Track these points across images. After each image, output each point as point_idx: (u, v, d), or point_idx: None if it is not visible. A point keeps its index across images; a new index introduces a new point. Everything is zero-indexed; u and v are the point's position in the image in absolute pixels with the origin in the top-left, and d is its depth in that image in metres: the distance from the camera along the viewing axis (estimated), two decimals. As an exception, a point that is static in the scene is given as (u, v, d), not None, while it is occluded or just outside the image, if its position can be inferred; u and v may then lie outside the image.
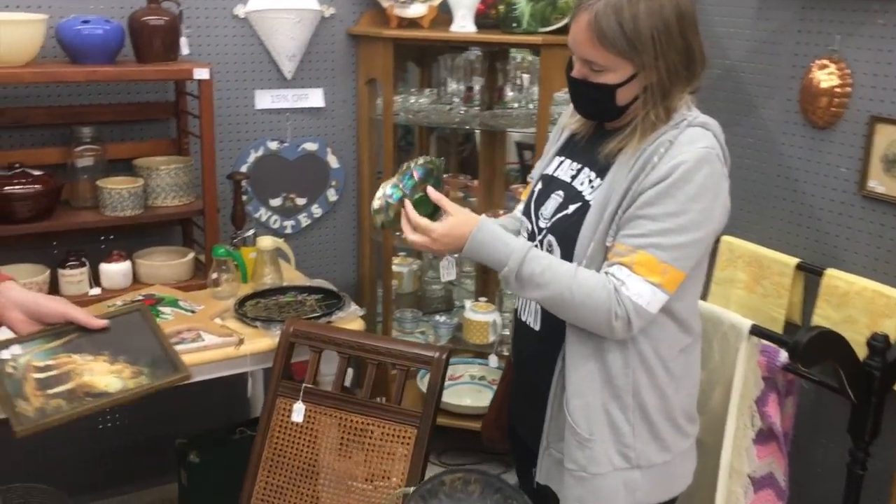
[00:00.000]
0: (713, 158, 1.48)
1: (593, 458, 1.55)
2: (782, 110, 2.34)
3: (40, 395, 1.41)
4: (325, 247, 3.19)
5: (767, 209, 2.41)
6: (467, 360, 3.48)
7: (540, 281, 1.49)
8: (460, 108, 3.14)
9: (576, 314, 1.50)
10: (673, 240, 1.46)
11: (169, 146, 2.72)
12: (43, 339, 1.50)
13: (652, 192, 1.46)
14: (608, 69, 1.48)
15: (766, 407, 2.02)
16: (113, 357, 1.53)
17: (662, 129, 1.49)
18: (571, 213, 1.57)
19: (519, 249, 1.51)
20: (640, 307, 1.47)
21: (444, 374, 2.05)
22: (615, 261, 1.49)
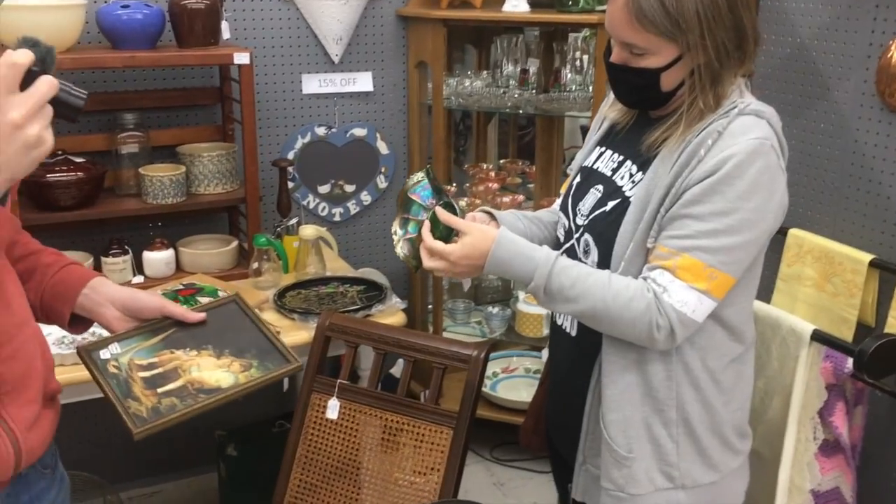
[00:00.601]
0: (767, 150, 1.32)
1: (632, 477, 1.42)
2: (857, 93, 2.15)
3: (150, 394, 1.34)
4: (375, 235, 3.12)
5: (840, 200, 2.22)
6: (522, 353, 3.38)
7: (570, 294, 1.36)
8: (514, 91, 3.02)
9: (613, 327, 1.37)
10: (721, 241, 1.32)
11: (214, 132, 2.68)
12: (141, 336, 1.42)
13: (698, 189, 1.31)
14: (650, 52, 1.34)
15: (832, 417, 1.86)
16: (217, 351, 1.44)
17: (710, 118, 1.35)
18: (609, 210, 1.44)
19: (544, 262, 1.38)
20: (685, 316, 1.33)
21: (482, 373, 1.95)
22: (656, 264, 1.35)
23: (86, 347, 1.38)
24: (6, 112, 0.93)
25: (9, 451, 1.14)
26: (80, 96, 1.02)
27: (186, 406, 1.34)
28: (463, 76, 3.13)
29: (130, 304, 1.40)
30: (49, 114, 0.97)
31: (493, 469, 3.09)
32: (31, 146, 0.95)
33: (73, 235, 2.52)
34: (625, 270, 1.39)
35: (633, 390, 1.41)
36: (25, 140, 0.94)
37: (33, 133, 0.95)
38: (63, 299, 1.35)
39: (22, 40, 0.98)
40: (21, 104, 0.94)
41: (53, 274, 1.35)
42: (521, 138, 4.05)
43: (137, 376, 1.37)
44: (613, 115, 1.54)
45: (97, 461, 2.73)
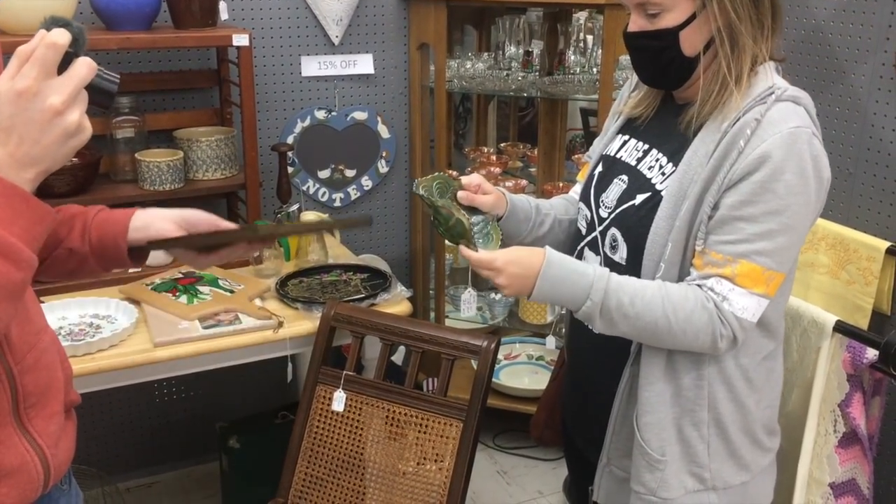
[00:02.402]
0: (809, 138, 1.27)
1: (665, 481, 1.38)
2: (875, 76, 2.09)
3: None
4: (376, 220, 3.06)
5: (855, 186, 2.18)
6: (524, 339, 3.34)
7: (629, 312, 1.29)
8: (518, 73, 2.95)
9: (674, 341, 1.31)
10: (777, 242, 1.26)
11: (211, 116, 2.61)
12: None
13: (746, 188, 1.25)
14: (665, 8, 1.29)
15: (849, 408, 1.82)
16: None
17: (746, 105, 1.29)
18: (639, 204, 1.37)
19: (599, 278, 1.30)
20: (745, 321, 1.29)
21: (492, 364, 1.91)
22: (712, 273, 1.29)
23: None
24: (46, 97, 0.86)
25: (38, 469, 1.07)
26: (114, 80, 0.95)
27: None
28: (464, 58, 3.06)
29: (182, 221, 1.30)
30: (86, 99, 0.90)
31: (497, 457, 3.06)
32: (70, 134, 0.88)
33: (68, 223, 2.45)
34: (666, 273, 1.33)
35: (666, 392, 1.36)
36: (66, 128, 0.87)
37: (73, 120, 0.88)
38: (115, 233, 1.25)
39: (51, 20, 0.90)
40: (61, 89, 0.87)
41: (94, 216, 1.26)
42: (521, 119, 3.99)
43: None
44: (630, 110, 1.48)
45: (93, 452, 2.68)
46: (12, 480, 1.04)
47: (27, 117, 0.86)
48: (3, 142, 0.86)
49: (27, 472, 1.06)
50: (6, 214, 0.86)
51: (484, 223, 1.45)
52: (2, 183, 0.86)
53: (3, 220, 0.86)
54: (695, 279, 1.31)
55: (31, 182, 0.88)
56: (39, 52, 0.86)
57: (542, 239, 1.57)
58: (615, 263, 1.42)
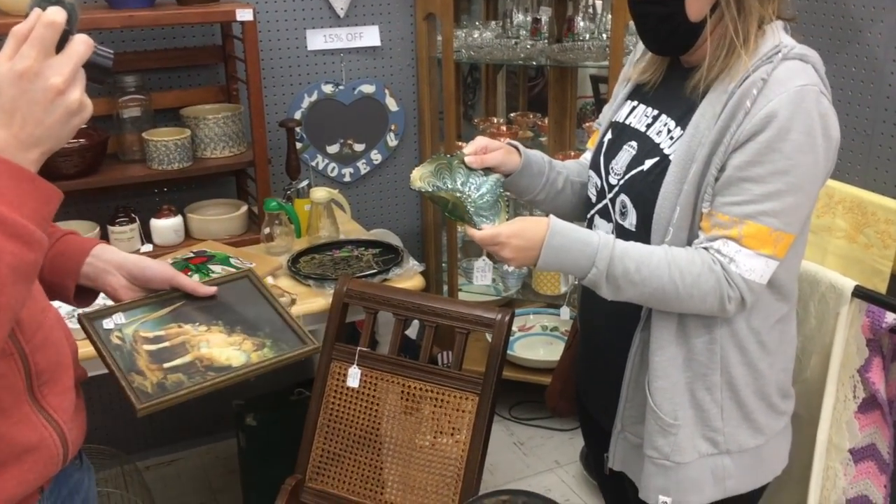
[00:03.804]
0: (817, 96, 1.24)
1: (678, 445, 1.37)
2: (891, 34, 2.05)
3: (156, 368, 1.26)
4: (387, 194, 3.05)
5: (873, 148, 2.14)
6: (538, 311, 3.32)
7: (636, 278, 1.28)
8: (527, 42, 2.91)
9: (682, 305, 1.30)
10: (784, 202, 1.24)
11: (218, 93, 2.59)
12: (147, 307, 1.33)
13: (752, 148, 1.23)
14: None
15: (868, 373, 1.80)
16: (228, 327, 1.35)
17: (754, 64, 1.26)
18: (648, 169, 1.36)
19: (604, 246, 1.29)
20: (753, 283, 1.27)
21: (507, 337, 1.89)
22: (719, 234, 1.27)
23: (88, 315, 1.30)
24: (48, 78, 0.86)
25: (56, 444, 1.08)
26: (109, 56, 0.94)
27: (194, 384, 1.25)
28: (471, 27, 3.02)
29: (138, 272, 1.31)
30: (84, 77, 0.89)
31: (513, 428, 3.06)
32: (73, 113, 0.88)
33: (78, 205, 2.45)
34: (674, 237, 1.31)
35: (678, 356, 1.35)
36: (68, 107, 0.87)
37: (75, 98, 0.88)
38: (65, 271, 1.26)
39: None
40: (61, 68, 0.86)
41: (52, 246, 1.26)
42: (531, 90, 3.95)
43: (143, 349, 1.28)
44: (638, 76, 1.46)
45: (111, 432, 2.70)
46: (33, 457, 1.05)
47: (30, 98, 0.86)
48: (7, 123, 0.86)
49: (46, 448, 1.07)
50: (15, 196, 0.86)
51: (492, 190, 1.42)
52: (8, 165, 0.86)
53: (12, 202, 0.85)
54: (701, 242, 1.30)
55: (35, 163, 0.88)
56: (38, 31, 0.86)
57: (557, 196, 1.56)
58: (625, 230, 1.40)
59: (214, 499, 2.73)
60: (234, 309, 1.40)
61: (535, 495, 1.29)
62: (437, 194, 1.41)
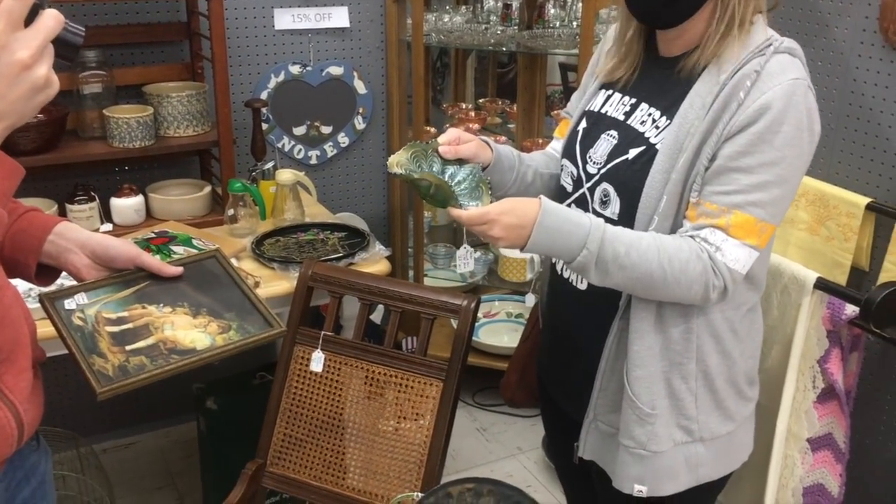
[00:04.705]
0: (805, 90, 1.26)
1: (655, 434, 1.38)
2: (858, 29, 2.07)
3: (118, 350, 1.22)
4: (353, 178, 3.02)
5: (836, 142, 2.16)
6: (503, 297, 3.33)
7: (625, 262, 1.27)
8: (497, 27, 2.89)
9: (667, 292, 1.30)
10: (772, 193, 1.25)
11: (182, 71, 2.54)
12: (111, 287, 1.29)
13: (744, 139, 1.24)
14: None
15: (827, 364, 1.83)
16: (193, 309, 1.32)
17: (745, 56, 1.27)
18: (633, 158, 1.35)
19: (595, 228, 1.27)
20: (736, 272, 1.29)
21: (472, 324, 1.89)
22: (706, 223, 1.28)
23: (49, 295, 1.26)
24: (14, 51, 0.83)
25: (12, 425, 1.06)
26: (80, 33, 0.91)
27: (157, 367, 1.22)
28: (441, 11, 3.00)
29: (101, 251, 1.28)
30: (52, 52, 0.87)
31: (476, 414, 3.07)
32: (38, 88, 0.86)
33: (35, 181, 2.39)
34: (659, 226, 1.31)
35: (655, 345, 1.36)
36: (34, 82, 0.85)
37: (42, 74, 0.85)
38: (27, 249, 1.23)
39: None
40: (29, 42, 0.84)
41: (13, 223, 1.23)
42: (501, 77, 3.94)
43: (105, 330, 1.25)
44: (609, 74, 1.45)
45: (68, 413, 2.65)
46: None
47: None
48: None
49: (1, 428, 1.04)
50: None
51: (471, 176, 1.41)
52: None
53: None
54: (688, 230, 1.30)
55: None
56: (6, 3, 0.83)
57: (527, 190, 1.54)
58: (606, 219, 1.39)
59: (173, 483, 2.70)
60: (201, 289, 1.37)
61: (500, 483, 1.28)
62: (417, 179, 1.38)
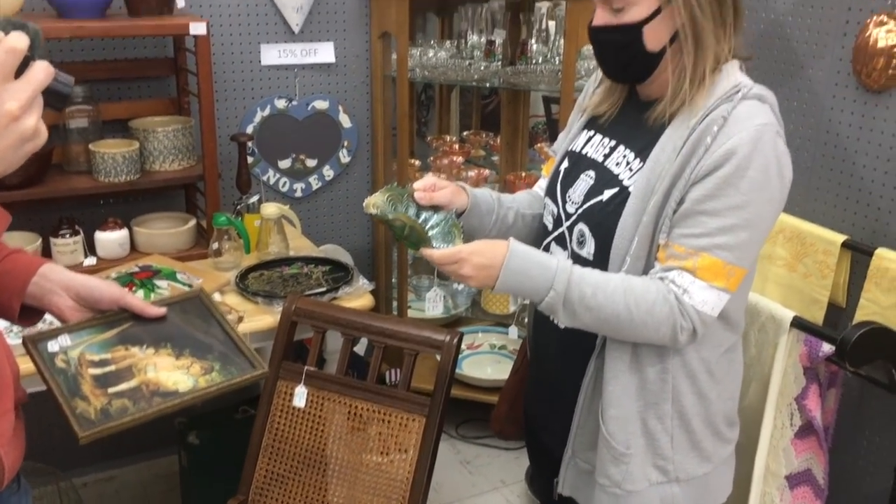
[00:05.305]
0: (773, 136, 1.29)
1: (629, 473, 1.39)
2: (832, 71, 2.12)
3: (100, 393, 1.23)
4: (338, 210, 3.04)
5: (812, 180, 2.20)
6: (487, 329, 3.34)
7: (592, 303, 1.30)
8: (480, 63, 2.94)
9: (636, 333, 1.32)
10: (739, 237, 1.28)
11: (168, 106, 2.56)
12: (94, 328, 1.31)
13: (710, 184, 1.27)
14: (630, 3, 1.30)
15: (805, 400, 1.85)
16: (177, 350, 1.33)
17: (714, 102, 1.30)
18: (607, 200, 1.38)
19: (562, 270, 1.31)
20: (706, 315, 1.30)
21: (455, 359, 1.90)
22: (674, 265, 1.30)
23: (32, 338, 1.27)
24: (3, 103, 0.85)
25: None
26: (69, 83, 0.93)
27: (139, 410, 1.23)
28: (426, 46, 3.04)
29: (85, 292, 1.29)
30: (42, 103, 0.88)
31: (459, 447, 3.07)
32: (27, 139, 0.87)
33: (20, 215, 2.38)
34: (631, 267, 1.34)
35: (631, 385, 1.38)
36: (22, 133, 0.86)
37: (30, 125, 0.87)
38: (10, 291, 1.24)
39: (6, 22, 0.88)
40: (18, 94, 0.85)
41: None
42: (484, 108, 3.98)
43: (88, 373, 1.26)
44: (594, 108, 1.49)
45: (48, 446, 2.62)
46: None
47: None
48: None
49: None
50: None
51: (445, 222, 1.44)
52: None
53: None
54: (657, 272, 1.32)
55: None
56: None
57: (507, 232, 1.57)
58: (582, 259, 1.42)
59: (154, 517, 2.68)
60: (184, 330, 1.38)
61: None
62: (392, 220, 1.41)
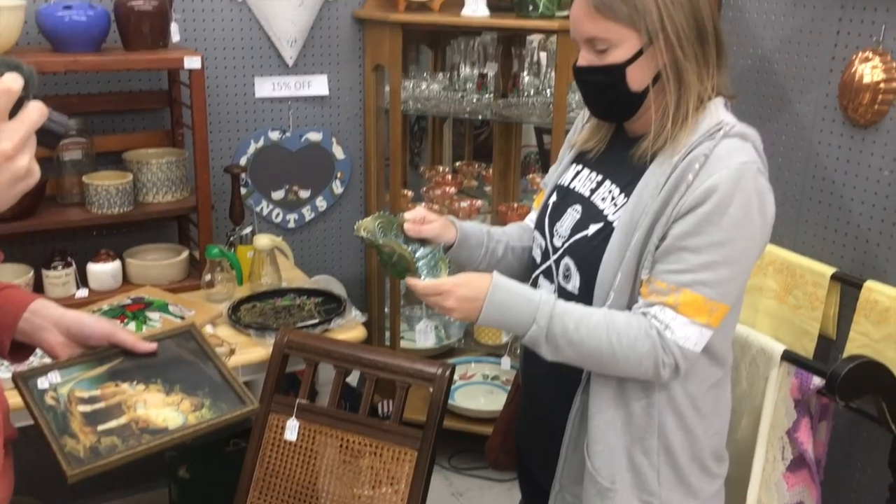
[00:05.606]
0: (755, 174, 1.30)
1: None
2: (819, 106, 2.15)
3: (90, 431, 1.23)
4: (331, 241, 3.05)
5: (802, 213, 2.23)
6: (479, 359, 3.33)
7: (574, 337, 1.31)
8: (472, 95, 2.96)
9: (618, 368, 1.33)
10: (720, 273, 1.28)
11: (163, 138, 2.57)
12: (84, 364, 1.31)
13: (692, 220, 1.28)
14: (613, 44, 1.32)
15: (797, 433, 1.85)
16: (167, 386, 1.33)
17: (696, 140, 1.32)
18: (592, 235, 1.40)
19: (545, 303, 1.32)
20: (688, 350, 1.31)
21: (447, 392, 1.90)
22: (656, 301, 1.31)
23: (22, 374, 1.27)
24: None
25: None
26: (63, 123, 0.94)
27: (128, 447, 1.23)
28: (419, 78, 3.06)
29: (76, 328, 1.29)
30: (35, 143, 0.89)
31: (452, 478, 3.05)
32: (19, 178, 0.88)
33: (12, 247, 2.39)
34: (615, 302, 1.35)
35: (616, 420, 1.38)
36: (15, 172, 0.87)
37: (23, 165, 0.87)
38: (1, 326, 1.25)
39: (1, 63, 0.89)
40: (12, 134, 0.86)
41: None
42: (476, 137, 4.00)
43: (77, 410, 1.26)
44: (582, 143, 1.50)
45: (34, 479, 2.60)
46: None
47: None
48: None
49: None
50: None
51: (432, 255, 1.46)
52: None
53: None
54: (640, 307, 1.34)
55: None
56: None
57: (497, 264, 1.59)
58: (568, 293, 1.44)
59: (144, 551, 2.65)
60: (175, 366, 1.38)
61: None
62: (381, 245, 1.43)
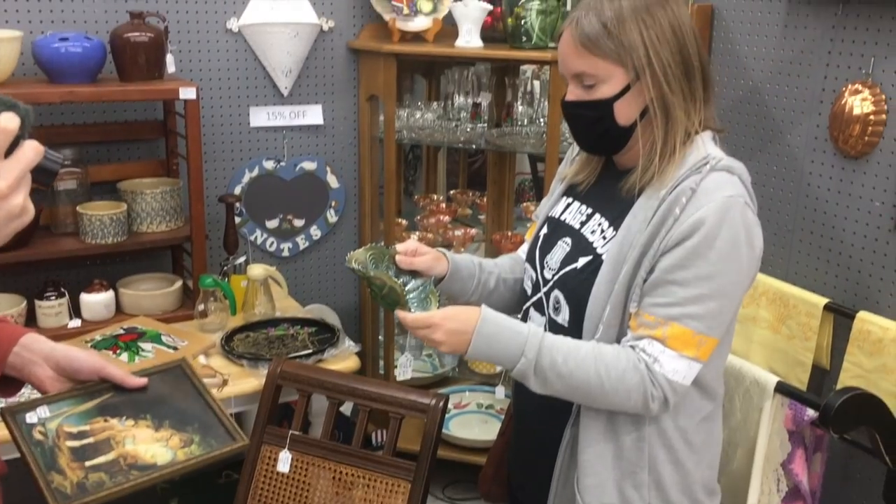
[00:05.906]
0: (742, 207, 1.31)
1: None
2: (810, 137, 2.17)
3: (77, 467, 1.22)
4: (325, 270, 3.05)
5: (794, 244, 2.24)
6: (474, 388, 3.32)
7: (563, 370, 1.31)
8: (467, 124, 2.98)
9: (607, 401, 1.33)
10: (708, 307, 1.29)
11: (157, 167, 2.58)
12: (74, 399, 1.30)
13: (679, 253, 1.29)
14: (600, 80, 1.33)
15: (791, 464, 1.85)
16: (156, 421, 1.32)
17: (683, 174, 1.33)
18: (581, 267, 1.40)
19: (533, 336, 1.32)
20: (676, 384, 1.31)
21: (440, 423, 1.89)
22: (644, 334, 1.31)
23: (11, 409, 1.27)
24: None
25: None
26: (58, 161, 0.94)
27: (116, 484, 1.22)
28: (413, 108, 3.08)
29: (66, 363, 1.29)
30: (30, 181, 0.89)
31: (446, 509, 3.03)
32: (14, 216, 0.87)
33: (5, 277, 2.39)
34: (604, 334, 1.35)
35: (606, 454, 1.38)
36: (10, 211, 0.87)
37: (18, 203, 0.87)
38: None
39: None
40: (7, 173, 0.86)
41: None
42: (470, 165, 4.02)
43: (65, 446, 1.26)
44: (573, 176, 1.52)
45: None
46: None
47: None
48: None
49: None
50: None
51: (423, 288, 1.46)
52: None
53: None
54: (629, 340, 1.34)
55: None
56: None
57: (489, 296, 1.59)
58: (558, 325, 1.44)
59: (134, 583, 2.62)
60: (164, 401, 1.38)
61: None
62: (372, 277, 1.43)
